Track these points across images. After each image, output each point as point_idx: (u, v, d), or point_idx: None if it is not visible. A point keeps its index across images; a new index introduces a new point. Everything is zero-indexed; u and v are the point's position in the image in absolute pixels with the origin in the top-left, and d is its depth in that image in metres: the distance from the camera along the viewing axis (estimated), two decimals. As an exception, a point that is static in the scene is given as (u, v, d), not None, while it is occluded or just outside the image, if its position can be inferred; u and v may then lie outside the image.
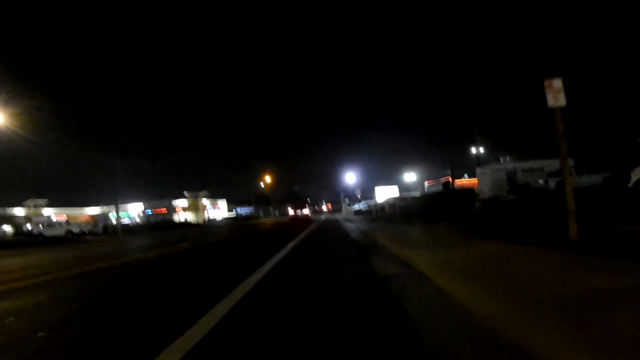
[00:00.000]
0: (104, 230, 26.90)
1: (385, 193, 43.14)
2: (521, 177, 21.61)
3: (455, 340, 1.95)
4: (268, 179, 58.77)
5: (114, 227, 25.70)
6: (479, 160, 22.90)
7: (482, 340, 1.90)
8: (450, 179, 44.83)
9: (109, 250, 11.38)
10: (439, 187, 43.91)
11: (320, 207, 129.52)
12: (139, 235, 23.30)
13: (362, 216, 22.64)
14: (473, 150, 37.13)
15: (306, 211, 34.54)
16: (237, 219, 51.32)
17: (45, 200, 54.87)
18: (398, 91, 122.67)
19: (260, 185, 53.80)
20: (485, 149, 37.76)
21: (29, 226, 31.26)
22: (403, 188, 51.11)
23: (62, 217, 60.34)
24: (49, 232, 26.41)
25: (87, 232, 29.10)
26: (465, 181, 45.54)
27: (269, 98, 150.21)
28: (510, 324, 1.97)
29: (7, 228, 44.48)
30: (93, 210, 62.05)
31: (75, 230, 27.77)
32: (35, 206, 53.16)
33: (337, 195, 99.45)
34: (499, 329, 1.95)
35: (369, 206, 33.14)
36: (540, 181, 21.33)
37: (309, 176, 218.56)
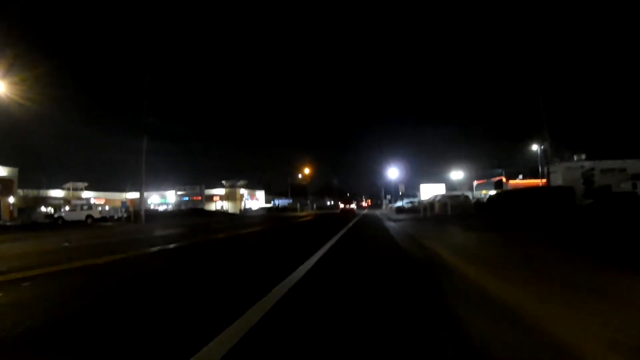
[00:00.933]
0: (126, 216, 26.50)
1: (430, 191, 40.21)
2: (597, 178, 18.30)
3: None
4: (307, 170, 57.58)
5: (137, 212, 25.27)
6: (547, 157, 19.64)
7: None
8: (503, 178, 40.81)
9: (115, 240, 10.27)
10: (490, 187, 40.12)
11: (360, 202, 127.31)
12: (163, 222, 22.69)
13: (405, 215, 20.38)
14: (533, 147, 32.78)
15: (353, 206, 52.98)
16: (272, 210, 50.56)
17: (85, 183, 57.20)
18: (446, 84, 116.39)
19: (297, 176, 52.54)
20: (550, 147, 33.48)
21: (67, 208, 31.92)
22: (449, 187, 47.56)
23: (101, 201, 63.31)
24: (70, 217, 26.47)
25: (107, 218, 28.87)
26: (520, 182, 41.14)
27: (314, 89, 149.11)
28: None
29: (44, 210, 46.48)
30: (132, 195, 64.41)
31: (97, 215, 27.54)
32: (75, 189, 55.59)
33: (376, 191, 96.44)
34: None
35: (413, 204, 30.68)
36: (623, 185, 17.97)
37: (349, 170, 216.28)
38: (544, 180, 35.70)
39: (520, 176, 43.03)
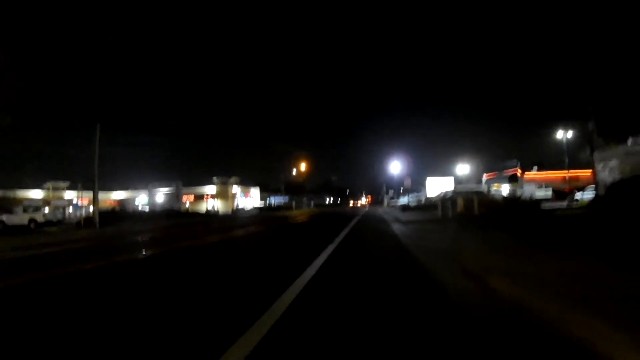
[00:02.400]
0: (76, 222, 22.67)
1: (438, 185, 36.52)
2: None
3: None
4: (303, 166, 53.75)
5: (88, 217, 21.49)
6: (592, 141, 15.71)
7: None
8: (518, 170, 37.05)
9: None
10: (503, 180, 36.27)
11: (359, 199, 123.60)
12: (122, 228, 18.81)
13: (413, 214, 16.68)
14: (557, 134, 28.63)
15: (362, 202, 69.52)
16: (263, 209, 47.01)
17: (67, 183, 53.33)
18: (448, 69, 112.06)
19: (292, 173, 48.74)
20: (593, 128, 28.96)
21: (46, 210, 28.06)
22: (454, 181, 43.71)
23: (85, 201, 59.57)
24: (12, 221, 22.56)
25: (55, 221, 25.07)
26: (537, 174, 37.21)
27: (310, 81, 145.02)
28: None
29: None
30: (120, 195, 60.51)
31: (40, 219, 23.53)
32: (55, 189, 51.76)
33: (377, 187, 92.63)
34: None
35: (420, 200, 27.06)
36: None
37: (348, 167, 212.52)
38: (574, 172, 32.06)
39: (535, 168, 39.16)
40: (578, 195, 21.30)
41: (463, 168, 51.40)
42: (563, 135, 27.39)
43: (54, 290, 3.87)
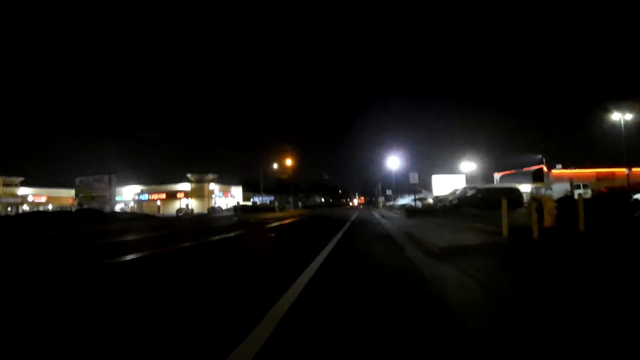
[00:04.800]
0: None
1: (445, 184, 30.66)
2: None
3: None
4: (289, 161, 47.42)
5: None
6: None
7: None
8: (544, 167, 31.27)
9: None
10: (522, 179, 30.31)
11: (352, 199, 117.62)
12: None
13: (425, 220, 10.74)
14: (621, 117, 22.11)
15: (354, 202, 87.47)
16: (238, 211, 40.63)
17: (20, 178, 46.51)
18: (446, 61, 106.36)
19: (273, 167, 42.39)
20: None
21: None
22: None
23: (41, 198, 52.61)
24: None
25: None
26: (563, 172, 31.15)
27: (300, 71, 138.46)
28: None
29: None
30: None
31: None
32: (7, 185, 44.95)
33: (370, 187, 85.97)
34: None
35: (426, 200, 21.05)
36: None
37: (340, 166, 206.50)
38: (606, 169, 26.26)
39: (559, 165, 33.19)
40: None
41: (468, 166, 45.60)
42: (620, 118, 21.34)
43: None
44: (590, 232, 5.79)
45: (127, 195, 54.44)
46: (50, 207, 51.76)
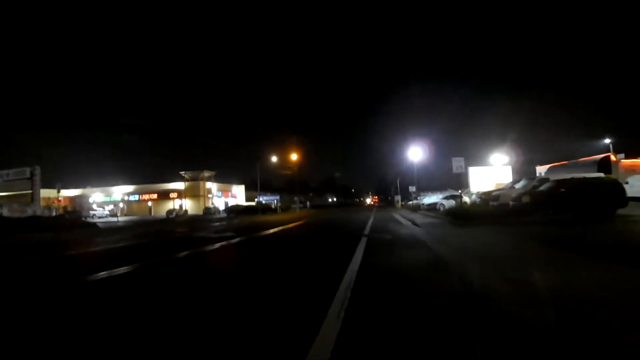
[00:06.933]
0: None
1: (485, 178, 24.81)
2: None
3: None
4: (294, 156, 41.61)
5: None
6: None
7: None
8: (612, 156, 25.16)
9: None
10: (580, 170, 24.01)
11: (364, 198, 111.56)
12: None
13: (517, 238, 5.11)
14: None
15: (372, 201, 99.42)
16: (232, 211, 35.26)
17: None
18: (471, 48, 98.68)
19: (273, 162, 36.85)
20: None
21: None
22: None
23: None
24: None
25: None
26: (635, 161, 24.91)
27: (313, 64, 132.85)
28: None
29: None
30: (70, 193, 49.00)
31: None
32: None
33: (385, 185, 79.38)
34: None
35: (480, 198, 15.38)
36: None
37: (353, 165, 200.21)
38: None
39: (622, 155, 26.97)
40: None
41: (499, 158, 39.31)
42: None
43: None
44: None
45: (117, 196, 49.74)
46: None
